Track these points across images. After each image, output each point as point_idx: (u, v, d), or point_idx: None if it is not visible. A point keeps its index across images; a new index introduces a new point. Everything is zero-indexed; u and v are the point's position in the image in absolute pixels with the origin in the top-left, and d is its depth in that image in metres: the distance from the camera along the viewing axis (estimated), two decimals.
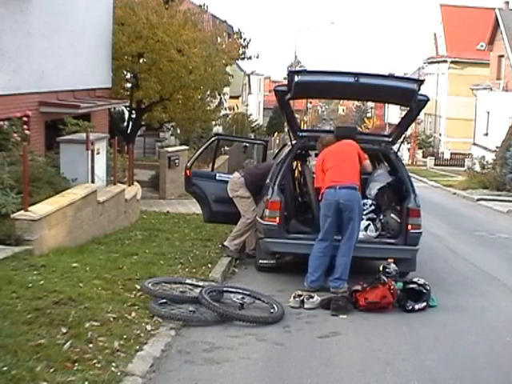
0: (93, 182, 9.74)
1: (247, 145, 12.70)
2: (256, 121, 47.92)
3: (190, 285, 6.24)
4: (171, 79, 17.10)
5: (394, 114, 49.98)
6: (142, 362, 4.52)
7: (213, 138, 9.77)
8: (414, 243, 7.38)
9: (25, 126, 10.50)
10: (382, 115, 64.44)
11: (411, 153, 43.95)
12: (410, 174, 8.23)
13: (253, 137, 39.95)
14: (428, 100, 7.54)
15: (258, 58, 20.47)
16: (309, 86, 7.18)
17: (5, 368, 3.89)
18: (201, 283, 6.30)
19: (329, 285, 6.75)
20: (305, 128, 37.57)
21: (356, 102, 74.04)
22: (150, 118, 19.25)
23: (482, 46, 39.68)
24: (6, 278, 5.68)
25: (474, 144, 34.92)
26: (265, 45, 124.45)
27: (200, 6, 20.03)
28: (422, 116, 43.52)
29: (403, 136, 8.60)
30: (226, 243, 8.25)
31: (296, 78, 6.96)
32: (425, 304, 6.46)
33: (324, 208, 6.87)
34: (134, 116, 19.27)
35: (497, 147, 23.96)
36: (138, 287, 6.09)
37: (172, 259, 7.77)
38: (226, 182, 8.47)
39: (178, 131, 21.82)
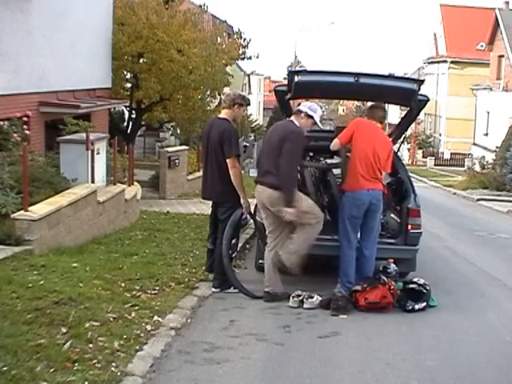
0: (93, 181, 9.74)
1: (247, 144, 12.72)
2: (256, 121, 47.96)
3: None
4: (171, 79, 17.11)
5: (394, 113, 49.95)
6: (142, 361, 4.52)
7: None
8: (414, 243, 7.36)
9: (25, 126, 10.52)
10: None
11: (411, 153, 43.96)
12: (410, 174, 8.22)
13: (253, 137, 39.95)
14: (428, 100, 7.53)
15: (257, 57, 20.50)
16: (309, 86, 7.17)
17: (5, 368, 3.88)
18: None
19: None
20: None
21: (356, 102, 73.95)
22: (150, 118, 19.27)
23: (482, 46, 39.70)
24: (6, 278, 5.68)
25: (474, 144, 34.95)
26: (265, 45, 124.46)
27: (200, 6, 20.05)
28: (422, 116, 43.53)
29: (403, 136, 8.59)
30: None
31: (296, 78, 6.95)
32: (425, 304, 6.46)
33: (356, 209, 6.55)
34: (134, 116, 19.29)
35: (497, 147, 23.99)
36: None
37: (172, 259, 7.77)
38: None
39: (178, 131, 21.83)
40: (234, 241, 6.66)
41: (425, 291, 6.49)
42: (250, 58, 20.28)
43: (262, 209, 6.45)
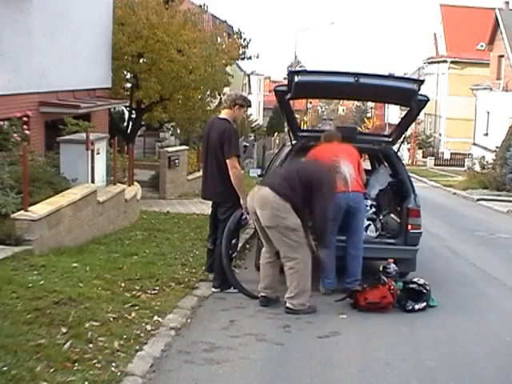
0: (93, 181, 9.74)
1: (247, 144, 12.69)
2: (256, 121, 47.92)
3: None
4: (171, 79, 17.10)
5: (394, 113, 49.97)
6: (142, 362, 4.52)
7: None
8: (414, 243, 7.38)
9: (25, 126, 10.51)
10: (382, 115, 64.46)
11: (411, 153, 43.95)
12: (410, 174, 8.23)
13: (253, 137, 39.91)
14: (428, 100, 7.53)
15: (257, 57, 20.47)
16: (309, 86, 7.18)
17: (5, 368, 3.88)
18: None
19: (345, 286, 6.74)
20: (305, 128, 37.73)
21: (356, 102, 73.97)
22: (150, 118, 19.26)
23: (482, 46, 39.70)
24: (6, 278, 5.67)
25: (474, 144, 34.94)
26: (265, 45, 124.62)
27: (200, 6, 20.03)
28: (422, 116, 43.52)
29: (403, 136, 8.59)
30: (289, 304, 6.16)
31: (296, 78, 6.95)
32: (425, 304, 6.46)
33: (332, 211, 6.64)
34: (134, 116, 19.27)
35: (497, 147, 23.99)
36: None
37: (172, 259, 7.77)
38: None
39: (178, 131, 21.83)
40: (233, 241, 6.66)
41: (425, 291, 6.50)
42: (249, 58, 20.25)
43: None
